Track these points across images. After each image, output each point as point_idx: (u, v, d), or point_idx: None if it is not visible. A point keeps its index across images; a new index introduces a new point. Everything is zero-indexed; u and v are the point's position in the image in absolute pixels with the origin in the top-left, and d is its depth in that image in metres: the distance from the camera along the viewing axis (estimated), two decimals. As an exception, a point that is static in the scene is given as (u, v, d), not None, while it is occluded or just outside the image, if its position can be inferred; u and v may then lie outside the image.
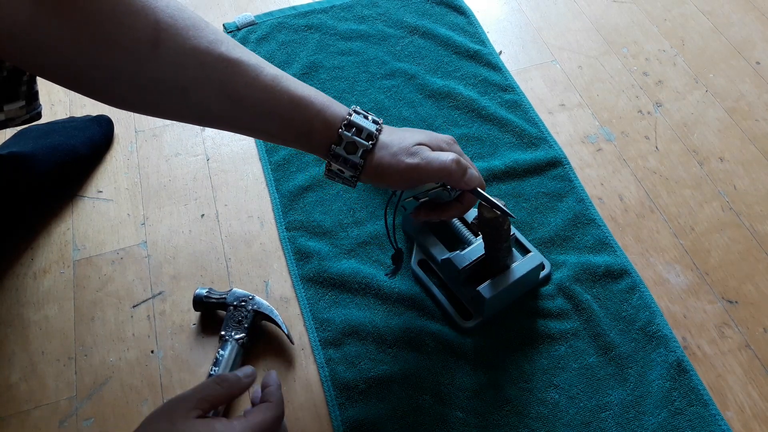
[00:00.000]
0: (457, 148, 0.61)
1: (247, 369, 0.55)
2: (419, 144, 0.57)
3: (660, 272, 0.73)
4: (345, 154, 0.56)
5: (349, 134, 0.55)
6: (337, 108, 0.57)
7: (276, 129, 0.56)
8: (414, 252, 0.73)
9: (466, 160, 0.60)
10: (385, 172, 0.57)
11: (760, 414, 0.63)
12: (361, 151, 0.56)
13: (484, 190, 0.60)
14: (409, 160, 0.56)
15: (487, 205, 0.60)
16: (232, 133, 0.74)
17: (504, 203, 0.60)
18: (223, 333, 0.67)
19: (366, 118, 0.57)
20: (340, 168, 0.57)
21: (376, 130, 0.57)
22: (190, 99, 0.53)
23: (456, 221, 0.71)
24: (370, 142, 0.56)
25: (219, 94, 0.53)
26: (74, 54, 0.49)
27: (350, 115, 0.56)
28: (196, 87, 0.52)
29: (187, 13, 0.52)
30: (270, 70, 0.55)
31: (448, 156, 0.56)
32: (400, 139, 0.57)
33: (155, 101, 0.53)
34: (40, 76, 0.53)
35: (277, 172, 0.83)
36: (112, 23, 0.49)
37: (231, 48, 0.53)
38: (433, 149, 0.58)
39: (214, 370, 0.65)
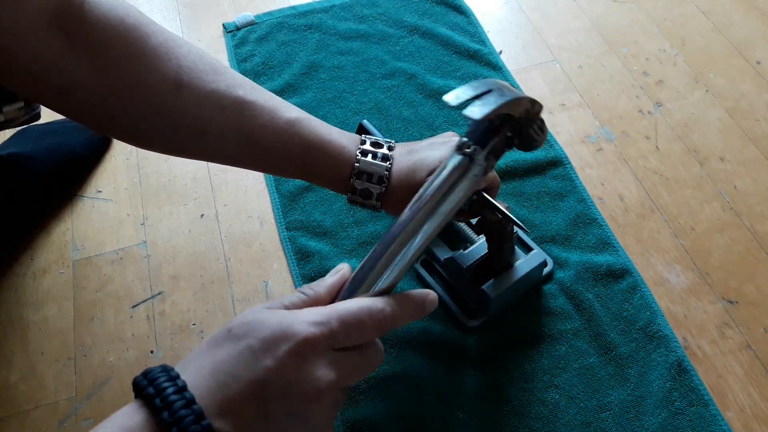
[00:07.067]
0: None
1: (338, 266, 0.51)
2: (433, 172, 0.57)
3: (661, 272, 0.73)
4: (362, 200, 0.58)
5: (361, 181, 0.57)
6: (348, 151, 0.57)
7: (293, 171, 0.58)
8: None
9: None
10: (404, 207, 0.58)
11: (760, 414, 0.63)
12: (375, 194, 0.57)
13: (497, 190, 0.60)
14: None
15: (490, 208, 0.60)
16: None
17: (507, 205, 0.60)
18: None
19: (375, 156, 0.57)
20: (364, 208, 0.59)
21: (386, 169, 0.57)
22: (210, 139, 0.55)
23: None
24: (382, 185, 0.57)
25: (236, 135, 0.55)
26: (104, 94, 0.51)
27: (358, 162, 0.57)
28: (215, 128, 0.54)
29: (208, 59, 0.55)
30: (286, 114, 0.56)
31: None
32: (412, 170, 0.57)
33: (178, 141, 0.55)
34: (69, 116, 0.54)
35: (277, 172, 0.82)
36: (139, 66, 0.51)
37: (249, 91, 0.55)
38: None
39: None
